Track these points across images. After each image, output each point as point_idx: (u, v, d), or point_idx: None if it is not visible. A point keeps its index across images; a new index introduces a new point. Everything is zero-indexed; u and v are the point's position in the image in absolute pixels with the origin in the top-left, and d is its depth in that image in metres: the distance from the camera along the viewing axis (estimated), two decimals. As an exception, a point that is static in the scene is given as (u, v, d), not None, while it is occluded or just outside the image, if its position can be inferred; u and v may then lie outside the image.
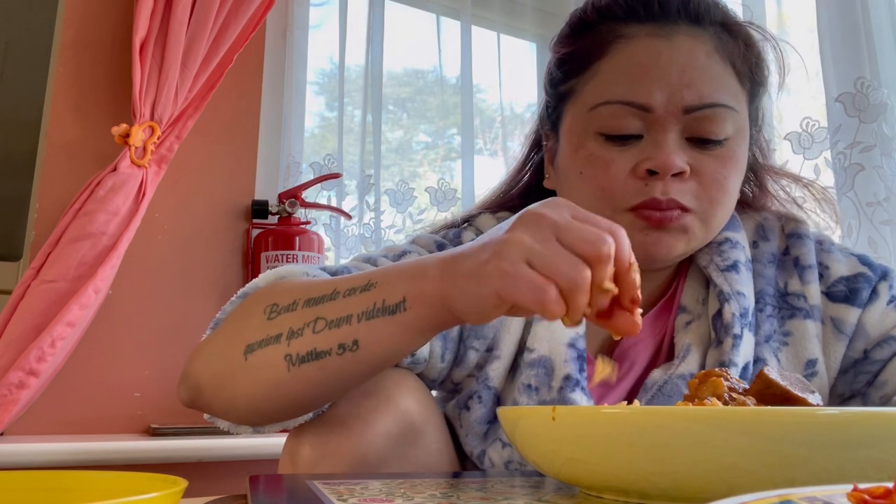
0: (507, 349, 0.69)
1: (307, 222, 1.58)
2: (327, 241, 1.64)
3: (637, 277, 0.46)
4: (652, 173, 0.65)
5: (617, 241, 0.45)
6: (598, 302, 0.45)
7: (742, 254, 0.72)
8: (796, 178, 0.81)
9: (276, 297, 0.55)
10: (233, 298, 0.61)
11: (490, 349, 0.69)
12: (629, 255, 0.46)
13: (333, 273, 0.64)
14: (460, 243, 0.73)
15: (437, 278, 0.48)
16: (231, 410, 0.57)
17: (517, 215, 0.47)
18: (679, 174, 0.65)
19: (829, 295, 0.71)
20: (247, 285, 0.61)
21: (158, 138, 1.35)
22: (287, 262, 1.48)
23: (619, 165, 0.66)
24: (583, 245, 0.44)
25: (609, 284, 0.44)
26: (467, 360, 0.69)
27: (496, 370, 0.68)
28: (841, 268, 0.71)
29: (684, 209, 0.65)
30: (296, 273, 0.61)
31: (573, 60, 0.72)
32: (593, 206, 0.67)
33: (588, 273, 0.44)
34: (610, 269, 0.44)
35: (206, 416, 0.60)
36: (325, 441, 0.57)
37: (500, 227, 0.48)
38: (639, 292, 0.46)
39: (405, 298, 0.48)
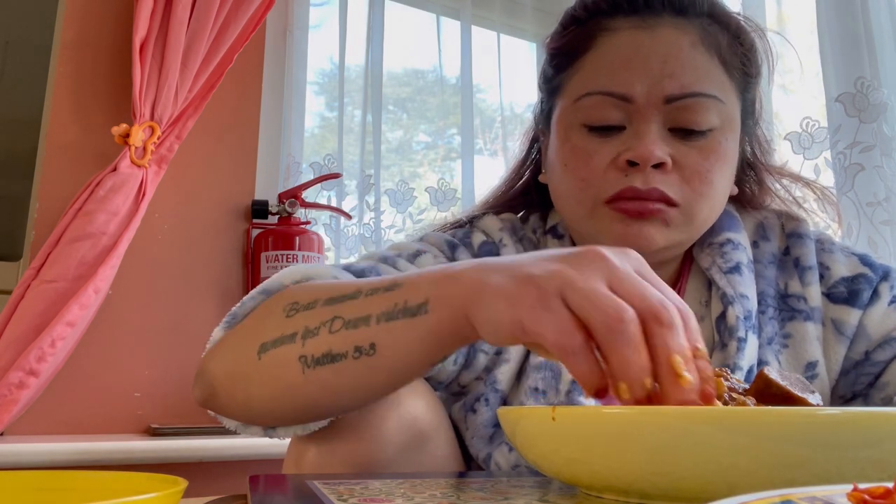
0: (515, 352, 0.68)
1: (307, 222, 1.59)
2: (327, 241, 1.64)
3: (708, 369, 0.38)
4: (632, 164, 0.65)
5: (682, 318, 0.39)
6: (666, 382, 0.37)
7: (744, 255, 0.72)
8: (797, 178, 0.81)
9: (298, 295, 0.53)
10: (253, 293, 0.58)
11: (499, 352, 0.68)
12: (695, 339, 0.39)
13: (359, 273, 0.62)
14: (470, 244, 0.73)
15: (466, 283, 0.44)
16: (245, 412, 0.54)
17: (577, 248, 0.42)
18: (660, 165, 0.64)
19: (830, 296, 0.70)
20: (270, 280, 0.58)
21: (158, 138, 1.35)
22: (287, 262, 1.48)
23: (600, 156, 0.66)
24: (636, 298, 0.38)
25: (680, 361, 0.36)
26: (476, 362, 0.68)
27: (504, 373, 0.68)
28: (841, 268, 0.71)
29: (669, 201, 0.64)
30: (324, 275, 0.59)
31: (561, 55, 0.73)
32: (576, 198, 0.68)
33: (634, 319, 0.37)
34: (678, 338, 0.37)
35: (210, 412, 0.58)
36: (333, 447, 0.55)
37: (553, 252, 0.43)
38: (712, 386, 0.38)
39: (428, 300, 0.45)
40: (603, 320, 0.37)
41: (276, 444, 0.60)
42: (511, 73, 1.85)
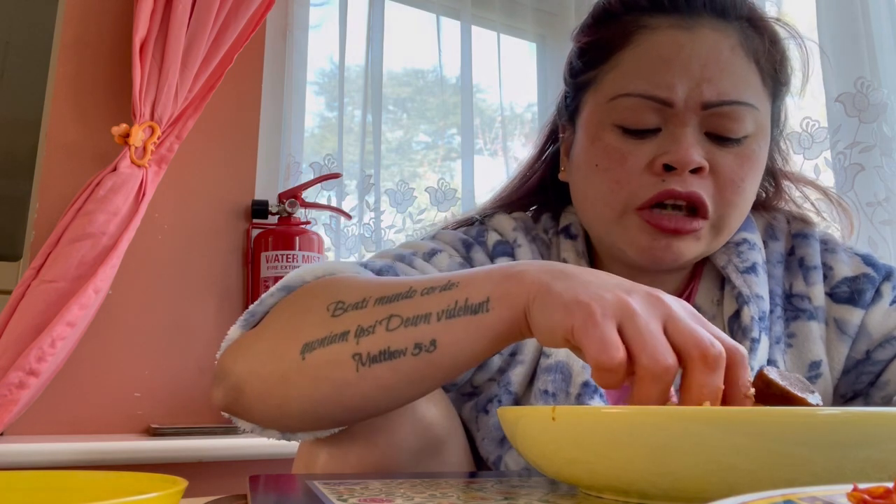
0: (529, 354, 0.67)
1: (307, 222, 1.59)
2: (327, 241, 1.64)
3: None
4: (668, 169, 0.64)
5: (735, 362, 0.42)
6: None
7: (759, 255, 0.71)
8: (814, 185, 0.80)
9: (339, 293, 0.52)
10: (272, 290, 0.57)
11: (514, 353, 0.68)
12: (745, 383, 0.42)
13: (377, 271, 0.62)
14: (485, 243, 0.72)
15: (529, 283, 0.45)
16: (278, 415, 0.53)
17: (642, 287, 0.44)
18: (698, 170, 0.64)
19: (833, 296, 0.70)
20: (288, 277, 0.57)
21: (158, 138, 1.35)
22: (287, 261, 1.48)
23: (635, 159, 0.65)
24: (685, 339, 0.41)
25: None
26: (491, 364, 0.67)
27: (518, 375, 0.67)
28: (845, 268, 0.71)
29: (703, 212, 0.64)
30: (346, 270, 0.58)
31: (595, 50, 0.70)
32: (604, 200, 0.67)
33: (675, 369, 0.40)
34: (715, 379, 0.40)
35: (225, 414, 0.56)
36: (344, 452, 0.54)
37: (620, 283, 0.45)
38: None
39: (489, 298, 0.46)
40: (648, 363, 0.40)
41: (276, 445, 0.60)
42: (511, 73, 1.85)
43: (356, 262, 0.63)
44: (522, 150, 1.77)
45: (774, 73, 0.69)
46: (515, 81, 1.87)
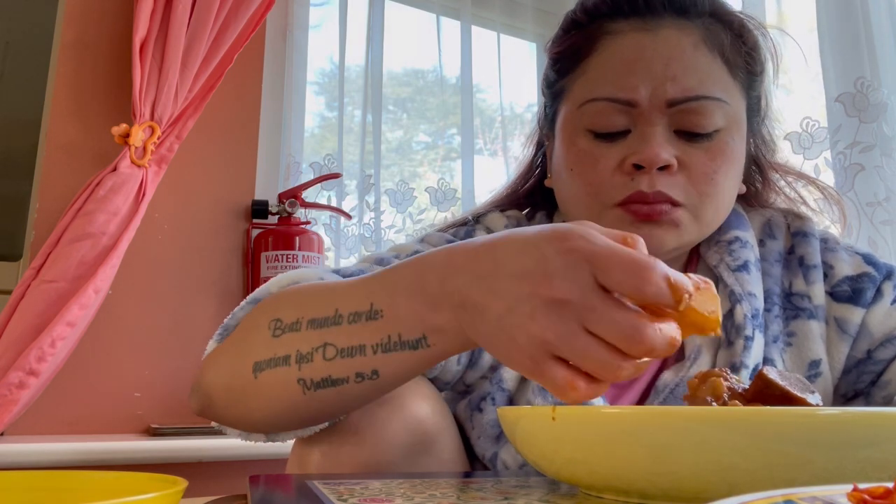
0: None
1: (307, 222, 1.59)
2: (327, 241, 1.64)
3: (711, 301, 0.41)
4: (638, 167, 0.65)
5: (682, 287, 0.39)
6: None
7: (752, 253, 0.72)
8: (801, 175, 0.81)
9: (278, 309, 0.53)
10: (242, 303, 0.59)
11: None
12: (686, 283, 0.39)
13: (348, 276, 0.62)
14: None
15: (453, 316, 0.44)
16: (246, 423, 0.55)
17: (555, 276, 0.40)
18: (666, 168, 0.65)
19: (834, 295, 0.70)
20: (259, 289, 0.59)
21: (158, 138, 1.35)
22: (287, 261, 1.48)
23: (606, 161, 0.66)
24: (613, 338, 0.39)
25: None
26: (482, 361, 0.68)
27: (510, 371, 0.67)
28: (845, 267, 0.71)
29: (674, 203, 0.65)
30: (310, 278, 0.59)
31: (564, 59, 0.73)
32: (583, 203, 0.68)
33: (625, 366, 0.39)
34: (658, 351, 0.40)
35: (214, 424, 0.59)
36: (337, 450, 0.55)
37: (529, 273, 0.41)
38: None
39: (425, 335, 0.46)
40: (597, 370, 0.40)
41: (276, 445, 0.60)
42: (511, 73, 1.85)
43: (330, 268, 0.64)
44: (522, 150, 1.77)
45: (744, 65, 0.69)
46: (515, 81, 1.87)
